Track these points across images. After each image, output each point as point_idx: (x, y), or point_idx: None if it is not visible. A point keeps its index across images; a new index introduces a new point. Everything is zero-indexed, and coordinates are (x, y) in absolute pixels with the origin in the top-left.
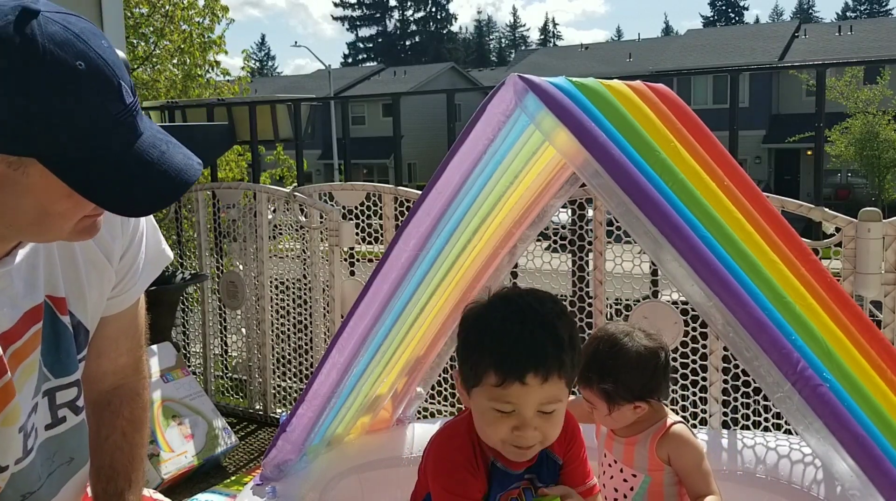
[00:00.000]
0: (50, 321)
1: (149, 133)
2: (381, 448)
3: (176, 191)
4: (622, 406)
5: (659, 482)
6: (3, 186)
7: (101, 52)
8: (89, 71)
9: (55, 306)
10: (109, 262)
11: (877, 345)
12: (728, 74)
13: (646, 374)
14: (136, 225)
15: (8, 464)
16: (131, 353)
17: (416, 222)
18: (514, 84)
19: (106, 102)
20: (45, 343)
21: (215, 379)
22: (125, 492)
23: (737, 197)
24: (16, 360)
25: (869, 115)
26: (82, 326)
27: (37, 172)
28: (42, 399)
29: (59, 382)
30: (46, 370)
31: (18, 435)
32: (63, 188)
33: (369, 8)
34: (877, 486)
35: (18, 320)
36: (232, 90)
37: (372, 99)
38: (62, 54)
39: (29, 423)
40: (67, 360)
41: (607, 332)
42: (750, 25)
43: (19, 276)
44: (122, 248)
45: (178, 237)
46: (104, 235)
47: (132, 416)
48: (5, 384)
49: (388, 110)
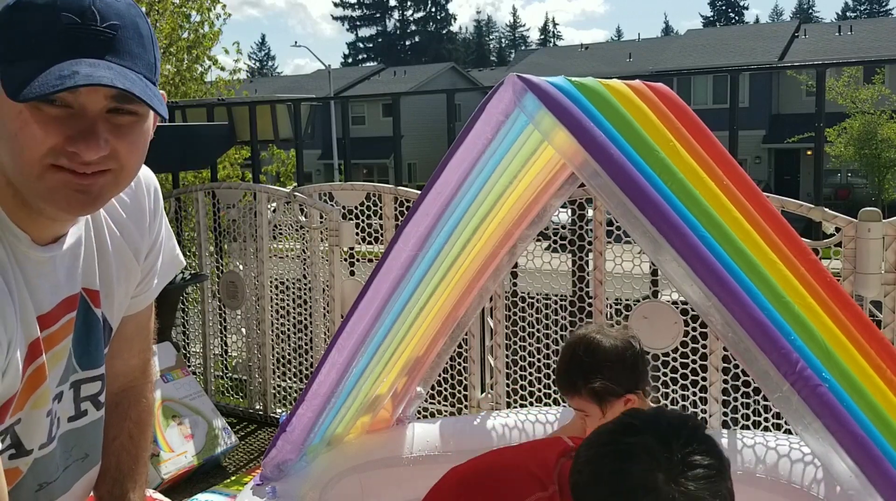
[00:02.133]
0: (84, 313)
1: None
2: (381, 447)
3: (76, 80)
4: (614, 404)
5: None
6: None
7: None
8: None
9: (90, 298)
10: (137, 260)
11: (876, 345)
12: (728, 74)
13: (627, 364)
14: (160, 228)
15: (33, 448)
16: (142, 354)
17: (416, 222)
18: (513, 84)
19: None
20: (76, 333)
21: (215, 379)
22: (130, 494)
23: (736, 197)
24: (48, 344)
25: (867, 115)
26: (108, 322)
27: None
28: (68, 390)
29: (86, 374)
30: (75, 360)
31: (46, 420)
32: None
33: (369, 8)
34: (875, 486)
35: (56, 306)
36: (227, 83)
37: (372, 99)
38: None
39: (54, 409)
40: (96, 352)
41: (578, 336)
42: (750, 25)
43: (63, 264)
44: (147, 248)
45: (179, 237)
46: (134, 233)
47: (138, 418)
48: (39, 366)
49: (388, 110)
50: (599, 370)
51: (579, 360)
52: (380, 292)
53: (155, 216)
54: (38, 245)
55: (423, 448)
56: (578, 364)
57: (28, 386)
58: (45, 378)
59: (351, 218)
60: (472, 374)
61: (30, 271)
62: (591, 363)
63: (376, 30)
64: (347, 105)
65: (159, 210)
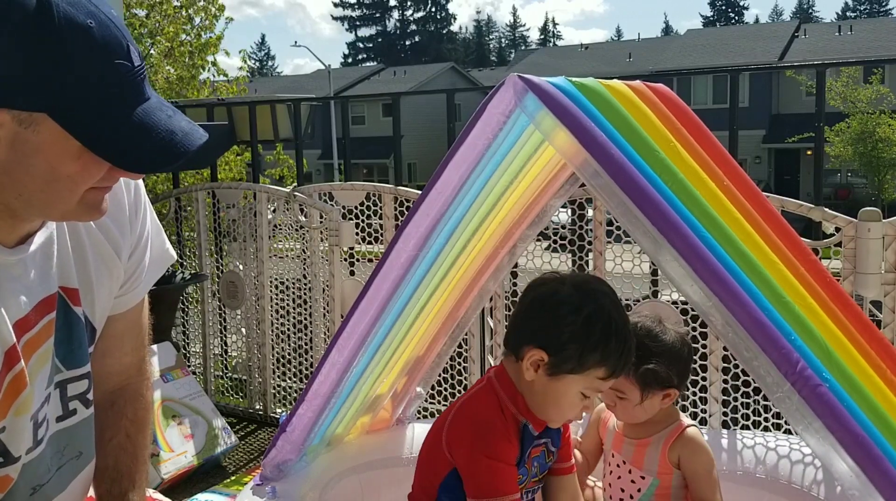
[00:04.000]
0: (63, 312)
1: (155, 99)
2: (381, 447)
3: (182, 150)
4: (655, 394)
5: (667, 485)
6: (13, 145)
7: (109, 15)
8: (100, 30)
9: (68, 297)
10: (119, 258)
11: (876, 345)
12: (728, 74)
13: (681, 360)
14: (144, 224)
15: (21, 454)
16: (135, 352)
17: (416, 222)
18: (514, 84)
19: (115, 60)
20: (57, 334)
21: (215, 379)
22: (129, 493)
23: (736, 197)
24: (29, 349)
25: (866, 115)
26: (89, 321)
27: (47, 129)
28: (54, 391)
29: (71, 374)
30: (59, 361)
31: (30, 424)
32: (72, 148)
33: (369, 8)
34: (876, 486)
35: (32, 308)
36: (230, 90)
37: (372, 99)
38: (74, 12)
39: (41, 413)
40: (80, 351)
41: (637, 322)
42: (750, 25)
43: (34, 264)
44: (130, 246)
45: (178, 237)
46: (114, 231)
47: (136, 417)
48: (18, 372)
49: (388, 110)
50: (657, 356)
51: (639, 341)
52: (380, 292)
53: (136, 212)
54: (4, 247)
55: None
56: (637, 345)
57: (8, 394)
58: (26, 385)
59: (351, 218)
60: (472, 374)
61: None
62: (652, 347)
63: (376, 30)
64: (347, 105)
65: (140, 206)
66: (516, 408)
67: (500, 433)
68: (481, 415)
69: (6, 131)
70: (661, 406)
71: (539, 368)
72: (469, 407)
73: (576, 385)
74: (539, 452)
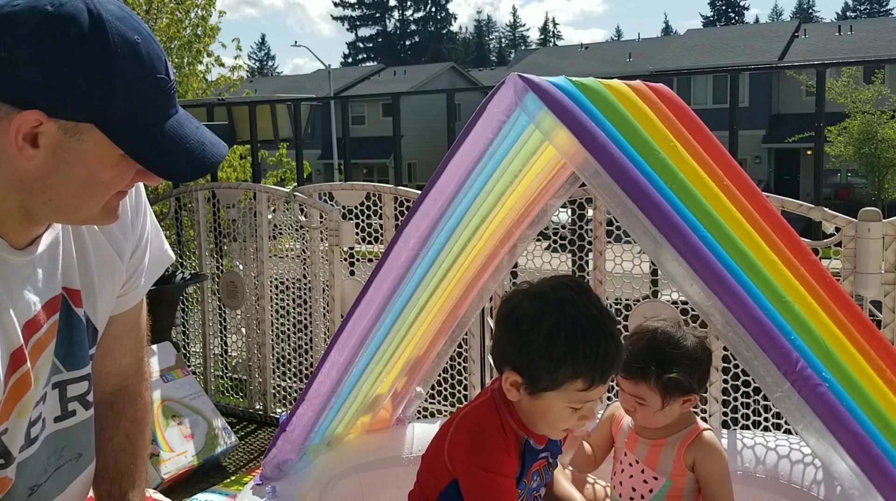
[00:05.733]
0: (66, 313)
1: (182, 111)
2: (381, 447)
3: (211, 161)
4: (675, 400)
5: (679, 487)
6: (55, 153)
7: (147, 30)
8: (145, 45)
9: (70, 298)
10: (121, 259)
11: (876, 345)
12: (728, 74)
13: (703, 365)
14: (144, 225)
15: (16, 454)
16: (134, 353)
17: (416, 222)
18: (514, 84)
19: (157, 72)
20: (59, 335)
21: (215, 379)
22: (128, 493)
23: (736, 197)
24: (37, 350)
25: (867, 115)
26: (91, 322)
27: (91, 139)
28: (52, 391)
29: (71, 375)
30: (58, 361)
31: (25, 423)
32: (113, 156)
33: (369, 8)
34: (876, 486)
35: (40, 309)
36: (228, 81)
37: (372, 99)
38: (122, 27)
39: (35, 412)
40: (80, 353)
41: (657, 328)
42: (750, 25)
43: (41, 265)
44: (131, 246)
45: (178, 237)
46: (116, 232)
47: (135, 417)
48: (24, 374)
49: (388, 110)
50: (679, 363)
51: (660, 349)
52: (380, 292)
53: (137, 213)
54: (15, 249)
55: (423, 447)
56: (659, 353)
57: (12, 395)
58: (30, 386)
59: (351, 218)
60: (472, 374)
61: (9, 276)
62: (673, 354)
63: (376, 30)
64: (347, 105)
65: (141, 207)
66: (516, 424)
67: (500, 446)
68: (481, 428)
69: (49, 140)
70: (681, 411)
71: (518, 388)
72: (470, 419)
73: (558, 401)
74: (541, 465)
